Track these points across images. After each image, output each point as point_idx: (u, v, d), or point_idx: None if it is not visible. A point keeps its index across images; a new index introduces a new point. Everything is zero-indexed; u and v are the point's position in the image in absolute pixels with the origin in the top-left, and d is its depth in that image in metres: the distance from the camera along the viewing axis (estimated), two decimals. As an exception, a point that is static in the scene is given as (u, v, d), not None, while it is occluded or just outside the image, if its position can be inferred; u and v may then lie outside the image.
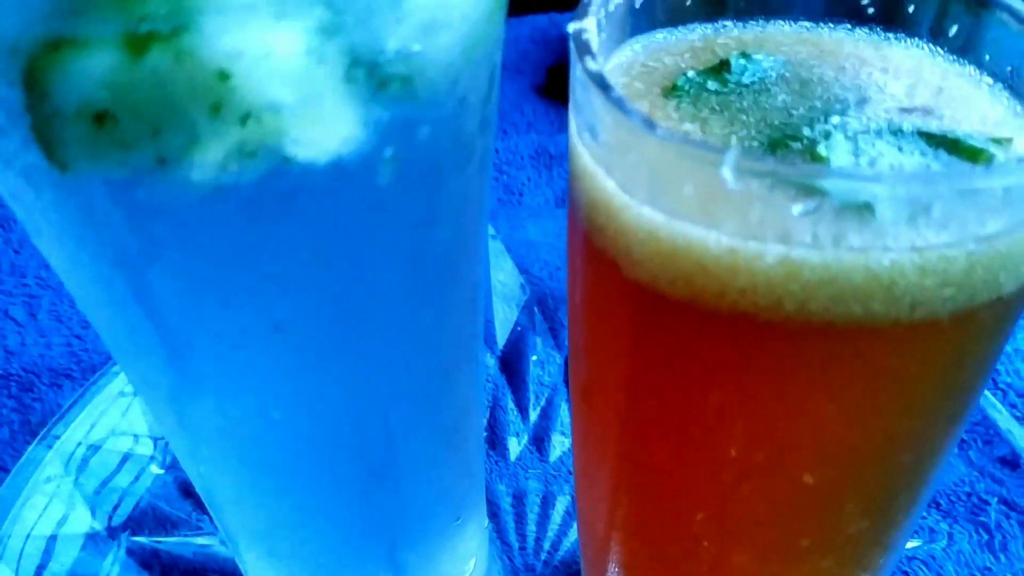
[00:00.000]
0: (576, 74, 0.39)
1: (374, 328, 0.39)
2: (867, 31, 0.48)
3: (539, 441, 0.84)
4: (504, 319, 0.95)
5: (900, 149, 0.39)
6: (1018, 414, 0.83)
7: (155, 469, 0.78)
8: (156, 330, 0.37)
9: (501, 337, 0.93)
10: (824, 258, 0.34)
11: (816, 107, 0.43)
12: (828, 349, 0.37)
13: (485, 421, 0.82)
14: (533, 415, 0.86)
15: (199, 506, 0.76)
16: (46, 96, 0.28)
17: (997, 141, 0.40)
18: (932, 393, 0.40)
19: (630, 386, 0.43)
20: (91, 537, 0.73)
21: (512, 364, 0.91)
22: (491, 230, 0.98)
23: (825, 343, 0.37)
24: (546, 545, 0.75)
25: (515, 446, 0.83)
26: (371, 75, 0.31)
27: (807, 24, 0.49)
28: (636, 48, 0.47)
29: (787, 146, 0.40)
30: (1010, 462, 0.76)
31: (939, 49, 0.46)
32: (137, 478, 0.77)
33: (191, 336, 0.37)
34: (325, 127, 0.31)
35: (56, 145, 0.30)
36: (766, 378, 0.39)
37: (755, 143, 0.40)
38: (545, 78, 1.34)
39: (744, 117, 0.42)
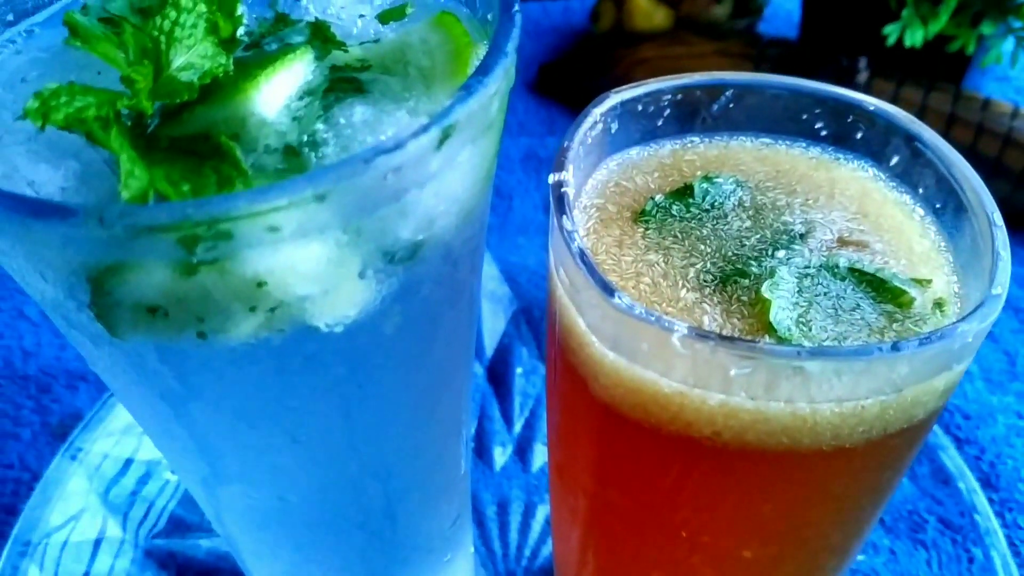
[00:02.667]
0: (553, 221, 0.45)
1: (377, 432, 0.45)
2: (820, 150, 0.54)
3: (522, 452, 0.91)
4: (492, 329, 1.01)
5: (833, 289, 0.45)
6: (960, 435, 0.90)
7: (169, 476, 0.85)
8: (194, 441, 0.43)
9: (489, 347, 0.99)
10: (757, 405, 0.40)
11: (766, 237, 0.48)
12: (761, 467, 0.44)
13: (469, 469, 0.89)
14: (518, 426, 0.93)
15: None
16: (108, 295, 0.34)
17: (919, 282, 0.46)
18: (851, 497, 0.47)
19: (596, 473, 0.50)
20: (112, 541, 0.80)
21: (499, 374, 0.97)
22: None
23: (758, 463, 0.43)
24: (527, 552, 0.83)
25: (500, 456, 0.90)
26: (382, 264, 0.37)
27: (767, 140, 0.54)
28: (611, 166, 0.53)
29: (736, 283, 0.46)
30: (943, 480, 0.84)
31: (882, 174, 0.52)
32: (150, 484, 0.84)
33: (223, 446, 0.43)
34: (342, 303, 0.37)
35: (114, 325, 0.35)
36: (709, 485, 0.46)
37: (709, 276, 0.46)
38: (537, 74, 1.37)
39: (702, 247, 0.48)
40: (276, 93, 0.39)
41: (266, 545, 0.53)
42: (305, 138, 0.38)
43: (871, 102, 0.51)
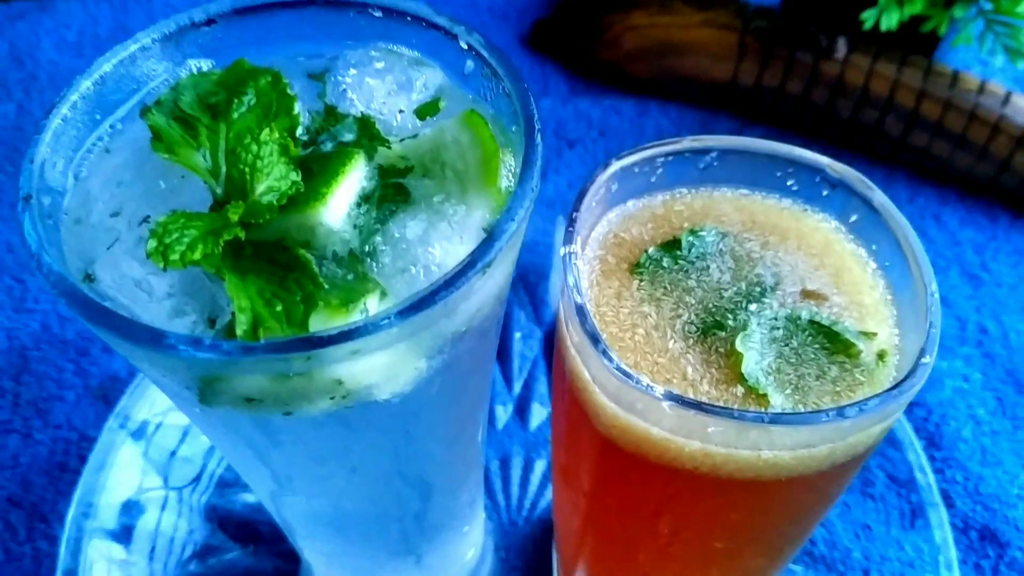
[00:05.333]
0: (564, 281, 0.53)
1: (418, 459, 0.55)
2: (791, 200, 0.62)
3: (521, 411, 1.01)
4: (492, 295, 1.10)
5: (796, 340, 0.55)
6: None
7: (207, 440, 0.95)
8: (268, 471, 0.52)
9: (490, 312, 1.09)
10: (728, 451, 0.50)
11: (741, 289, 0.57)
12: (730, 489, 0.54)
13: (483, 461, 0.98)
14: (517, 386, 1.03)
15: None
16: (213, 391, 0.43)
17: (866, 335, 0.55)
18: (805, 507, 0.58)
19: (595, 482, 0.60)
20: (161, 498, 0.91)
21: (500, 338, 1.07)
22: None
23: (729, 487, 0.53)
24: (527, 503, 0.94)
25: (502, 415, 1.01)
26: (433, 353, 0.45)
27: (745, 191, 0.62)
28: (611, 218, 0.61)
29: (715, 334, 0.55)
30: (893, 442, 0.95)
31: (842, 227, 0.60)
32: (192, 444, 0.94)
33: (293, 475, 0.53)
34: (400, 383, 0.46)
35: (215, 406, 0.44)
36: (688, 500, 0.56)
37: (693, 327, 0.56)
38: (531, 29, 1.41)
39: (688, 298, 0.57)
40: (339, 204, 0.46)
41: (320, 534, 0.64)
42: (366, 248, 0.46)
43: (836, 167, 0.59)
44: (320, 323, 0.42)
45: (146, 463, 0.91)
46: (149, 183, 0.49)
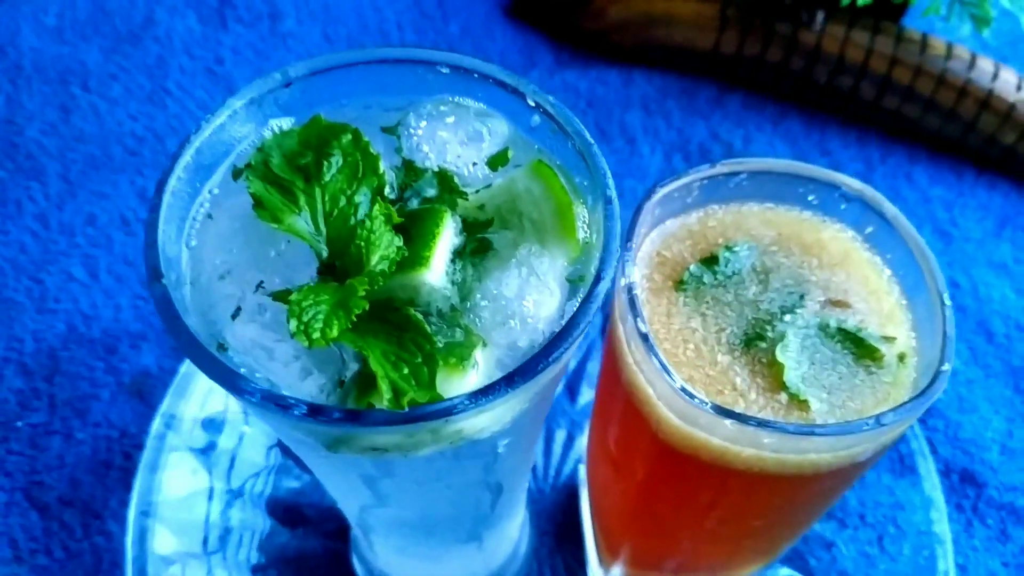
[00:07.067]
0: (629, 319, 0.59)
1: (496, 476, 0.62)
2: (811, 213, 0.68)
3: (571, 390, 1.07)
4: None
5: (827, 347, 0.62)
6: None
7: (246, 428, 1.00)
8: (369, 491, 0.58)
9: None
10: (779, 455, 0.58)
11: (775, 301, 0.64)
12: (777, 483, 0.61)
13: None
14: (572, 364, 1.08)
15: (287, 454, 0.99)
16: (342, 446, 0.49)
17: (887, 339, 0.62)
18: (833, 489, 0.66)
19: (648, 475, 0.67)
20: (210, 489, 0.96)
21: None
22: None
23: (776, 481, 0.61)
24: (552, 472, 1.02)
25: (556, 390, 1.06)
26: (533, 396, 0.52)
27: (770, 204, 0.69)
28: (653, 237, 0.67)
29: (756, 346, 0.62)
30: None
31: (859, 237, 0.67)
32: (230, 437, 1.00)
33: (392, 495, 0.59)
34: (498, 425, 0.52)
35: (340, 452, 0.50)
36: (738, 492, 0.63)
37: (736, 340, 0.62)
38: (513, 0, 1.44)
39: (728, 312, 0.64)
40: (439, 264, 0.52)
41: (397, 532, 0.70)
42: (467, 303, 0.51)
43: (852, 184, 0.66)
44: (440, 380, 0.48)
45: (196, 461, 0.96)
46: (256, 248, 0.53)
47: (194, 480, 0.96)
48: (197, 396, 0.99)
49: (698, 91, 1.33)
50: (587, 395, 1.06)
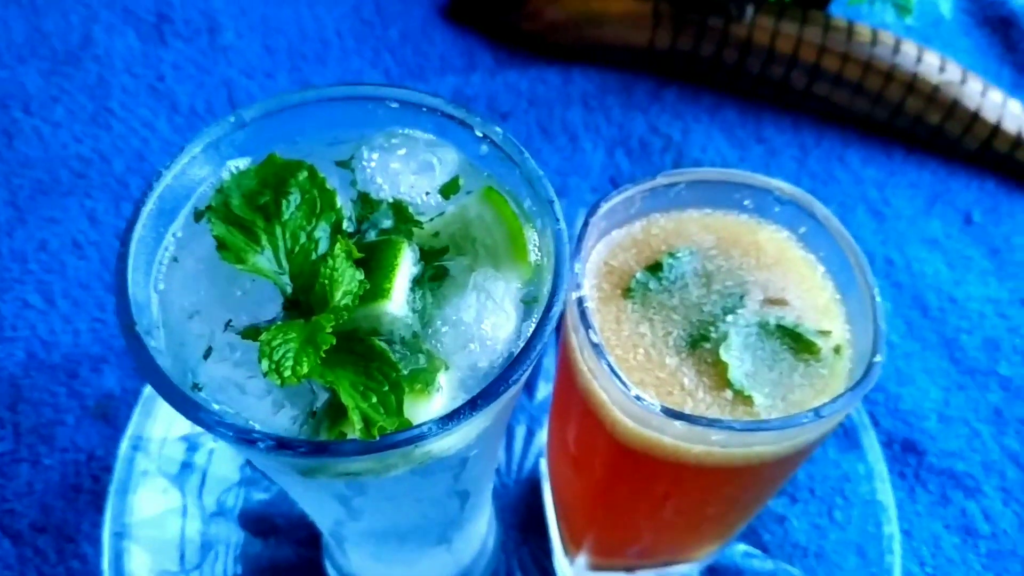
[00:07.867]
0: (581, 330, 0.63)
1: (463, 487, 0.65)
2: (747, 216, 0.72)
3: (529, 386, 1.10)
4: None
5: (767, 344, 0.66)
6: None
7: (214, 445, 1.02)
8: (343, 508, 0.61)
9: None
10: (727, 450, 0.62)
11: (716, 303, 0.68)
12: (727, 474, 0.65)
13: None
14: None
15: (255, 468, 1.02)
16: (318, 473, 0.51)
17: (823, 333, 0.67)
18: (777, 476, 0.70)
19: (606, 472, 0.71)
20: (183, 507, 0.98)
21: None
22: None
23: (726, 473, 0.65)
24: (515, 467, 1.05)
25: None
26: (497, 412, 0.55)
27: (708, 210, 0.72)
28: (600, 248, 0.70)
29: (702, 346, 0.66)
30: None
31: (793, 236, 0.71)
32: (202, 454, 1.01)
33: (364, 510, 0.62)
34: (462, 444, 0.55)
35: (315, 479, 0.53)
36: (691, 484, 0.68)
37: (683, 342, 0.66)
38: (450, 2, 1.46)
39: (674, 316, 0.67)
40: (399, 295, 0.55)
41: (370, 542, 0.73)
42: (428, 330, 0.54)
43: (785, 188, 0.70)
44: (407, 405, 0.51)
45: (166, 480, 0.98)
46: (222, 288, 0.56)
47: (166, 499, 0.98)
48: (163, 416, 1.01)
49: (636, 87, 1.37)
50: (544, 390, 1.09)
